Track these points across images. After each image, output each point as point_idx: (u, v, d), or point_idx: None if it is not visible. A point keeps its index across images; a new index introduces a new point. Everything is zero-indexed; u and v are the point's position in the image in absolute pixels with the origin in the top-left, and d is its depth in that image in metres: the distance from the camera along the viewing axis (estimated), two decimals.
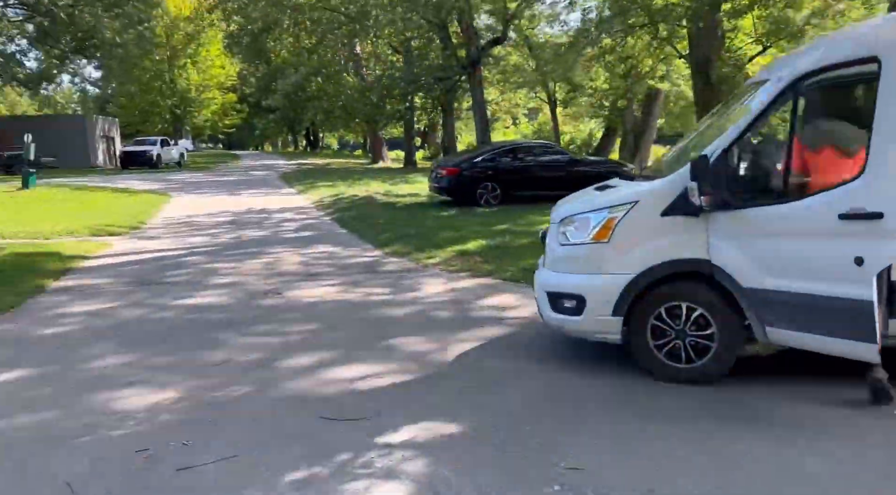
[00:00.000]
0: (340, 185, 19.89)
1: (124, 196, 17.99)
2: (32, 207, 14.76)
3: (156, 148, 34.80)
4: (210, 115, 56.04)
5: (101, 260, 9.12)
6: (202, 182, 24.93)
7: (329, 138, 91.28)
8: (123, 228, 12.07)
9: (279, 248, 9.76)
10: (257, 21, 36.79)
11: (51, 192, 17.74)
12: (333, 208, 14.84)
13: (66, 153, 34.87)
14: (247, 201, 17.35)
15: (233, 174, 30.91)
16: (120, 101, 50.72)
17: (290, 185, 22.51)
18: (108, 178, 26.81)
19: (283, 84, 35.04)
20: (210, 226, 12.54)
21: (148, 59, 45.81)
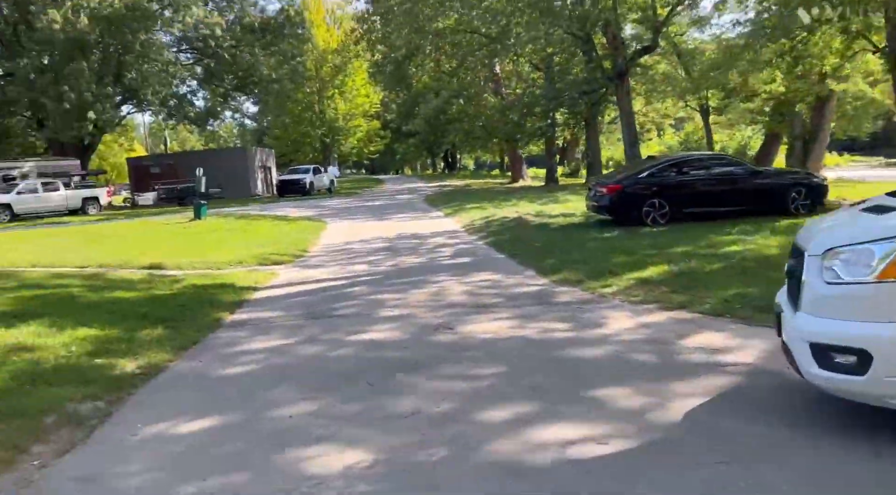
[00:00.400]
0: (488, 207, 19.55)
1: (284, 224, 18.76)
2: (204, 237, 15.66)
3: (309, 176, 36.61)
4: (356, 142, 58.58)
5: (271, 291, 9.23)
6: (352, 207, 25.69)
7: (466, 159, 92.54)
8: (287, 257, 12.36)
9: (440, 276, 9.42)
10: (401, 48, 37.85)
11: (219, 222, 18.86)
12: (486, 231, 14.44)
13: (229, 183, 37.54)
14: (397, 226, 17.44)
15: (379, 199, 31.72)
16: (274, 133, 54.37)
17: (436, 208, 22.54)
18: (266, 207, 28.39)
19: (424, 108, 35.67)
20: (368, 253, 12.55)
21: (300, 92, 48.68)
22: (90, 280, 9.67)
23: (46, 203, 27.90)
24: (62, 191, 28.39)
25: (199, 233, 16.70)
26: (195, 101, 40.23)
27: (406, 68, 43.92)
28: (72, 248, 14.16)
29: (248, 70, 37.41)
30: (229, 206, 29.68)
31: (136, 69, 29.17)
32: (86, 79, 27.10)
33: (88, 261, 11.97)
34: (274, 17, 37.69)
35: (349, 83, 52.98)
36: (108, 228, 19.56)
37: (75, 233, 18.10)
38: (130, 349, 6.07)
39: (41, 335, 6.34)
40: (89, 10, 27.00)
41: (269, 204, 30.93)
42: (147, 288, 9.17)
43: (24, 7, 27.86)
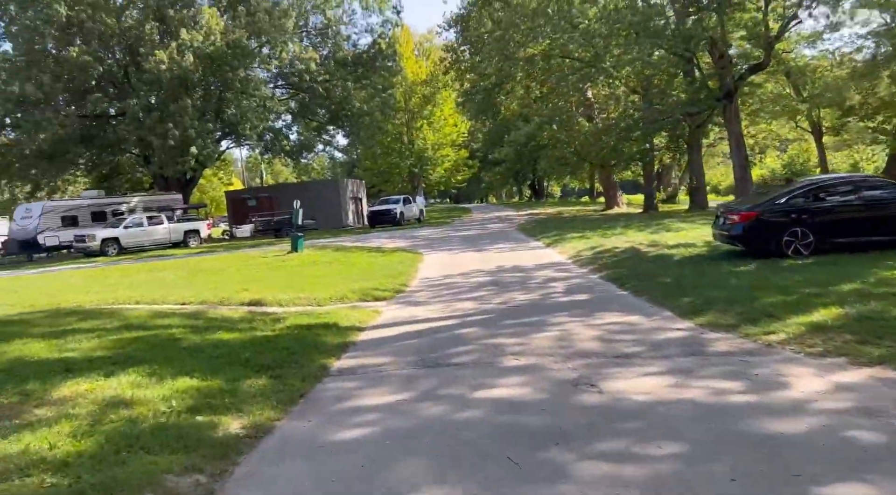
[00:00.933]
0: (592, 236, 18.38)
1: (379, 255, 18.29)
2: (302, 271, 15.34)
3: (399, 206, 36.50)
4: (443, 171, 58.59)
5: (376, 331, 8.53)
6: (445, 237, 25.09)
7: (553, 187, 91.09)
8: (388, 292, 11.72)
9: (560, 317, 8.44)
10: (491, 76, 37.50)
11: (316, 255, 18.62)
12: (597, 264, 13.33)
13: (322, 215, 38.02)
14: (497, 257, 16.59)
15: (470, 228, 31.04)
16: (364, 164, 55.16)
17: (534, 238, 21.56)
18: (359, 238, 28.27)
19: (515, 135, 34.95)
20: (472, 288, 11.73)
21: (389, 123, 49.19)
22: (191, 319, 9.29)
23: (151, 236, 28.90)
24: (166, 225, 29.36)
25: (297, 266, 16.45)
26: (289, 135, 41.22)
27: (495, 96, 43.59)
28: (174, 284, 14.12)
29: (341, 103, 37.98)
30: (323, 238, 29.79)
31: (235, 105, 30.01)
32: (189, 115, 28.06)
33: (190, 298, 11.75)
34: (366, 51, 38.22)
35: (437, 113, 53.14)
36: (209, 261, 19.74)
37: (178, 266, 18.31)
38: (234, 403, 5.44)
39: (140, 386, 5.83)
40: (193, 48, 28.04)
41: (361, 235, 30.89)
42: (248, 328, 8.68)
43: (135, 50, 29.30)
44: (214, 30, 28.59)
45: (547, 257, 15.80)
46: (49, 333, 8.18)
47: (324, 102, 37.79)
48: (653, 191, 35.93)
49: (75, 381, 5.95)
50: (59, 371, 6.32)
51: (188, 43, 28.30)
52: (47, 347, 7.38)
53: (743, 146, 27.69)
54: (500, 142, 66.57)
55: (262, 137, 36.30)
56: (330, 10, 35.71)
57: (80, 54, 27.15)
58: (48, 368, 6.42)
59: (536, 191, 75.55)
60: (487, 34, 36.15)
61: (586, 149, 34.63)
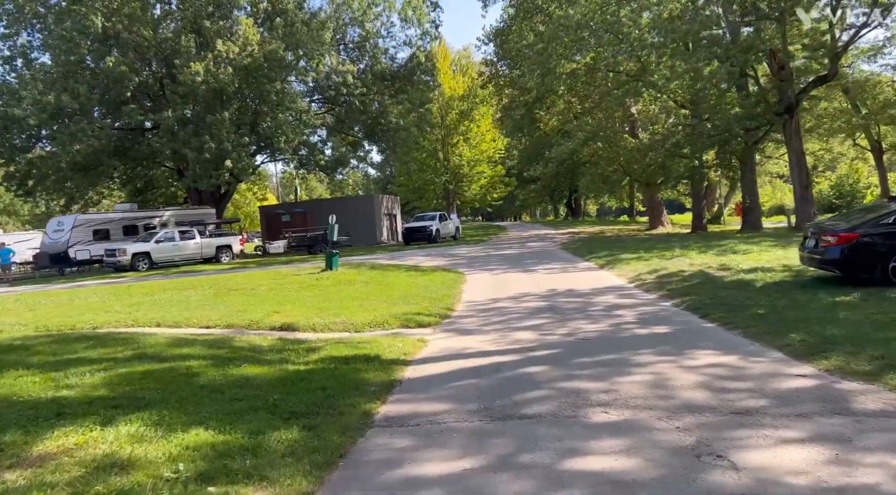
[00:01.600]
0: (650, 258, 16.94)
1: (418, 275, 17.12)
2: (338, 291, 14.23)
3: (435, 223, 35.42)
4: (478, 189, 57.42)
5: (425, 367, 7.31)
6: (485, 256, 23.86)
7: (590, 205, 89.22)
8: (432, 317, 10.51)
9: (644, 355, 7.12)
10: (532, 91, 36.38)
11: (351, 274, 17.52)
12: (666, 289, 11.94)
13: (356, 231, 37.12)
14: (546, 279, 15.29)
15: (510, 246, 29.76)
16: (399, 180, 54.30)
17: (582, 258, 20.19)
18: (395, 255, 27.18)
19: (557, 151, 33.69)
20: (526, 315, 10.45)
21: (425, 139, 48.34)
22: (214, 348, 8.19)
23: (182, 251, 28.23)
24: (198, 240, 28.68)
25: (331, 285, 15.36)
26: (325, 150, 40.55)
27: (535, 111, 42.44)
28: (201, 303, 13.12)
29: (377, 118, 37.20)
30: (357, 254, 28.79)
31: (271, 117, 29.33)
32: (225, 128, 27.43)
33: (216, 321, 10.71)
34: (404, 65, 37.45)
35: (474, 129, 52.15)
36: (240, 278, 18.79)
37: (207, 284, 17.36)
38: (257, 467, 4.25)
39: (143, 439, 4.68)
40: (229, 60, 27.48)
41: (396, 252, 29.82)
42: (278, 359, 7.53)
43: (170, 61, 28.88)
44: (251, 41, 28.02)
45: (604, 280, 14.45)
46: (50, 363, 7.14)
47: (360, 117, 37.03)
48: (702, 211, 34.23)
49: (65, 431, 4.83)
50: (49, 415, 5.22)
51: (224, 54, 27.76)
52: (43, 382, 6.31)
53: (804, 164, 26.00)
54: (537, 159, 65.17)
55: (297, 152, 35.64)
56: (368, 23, 35.03)
57: (116, 65, 26.76)
58: (37, 411, 5.33)
59: (573, 210, 73.90)
60: (528, 47, 35.13)
61: (632, 166, 33.16)
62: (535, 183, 72.00)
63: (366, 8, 34.68)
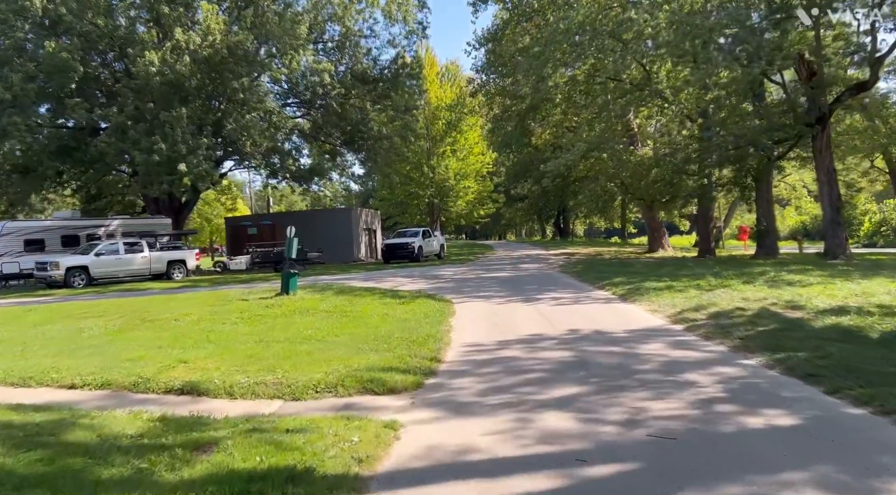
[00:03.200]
0: (685, 288, 13.65)
1: (395, 303, 13.72)
2: (287, 326, 10.80)
3: (417, 240, 32.08)
4: (464, 204, 54.20)
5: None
6: (476, 279, 20.55)
7: (578, 226, 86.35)
8: (410, 375, 7.15)
9: (805, 489, 3.82)
10: (525, 99, 33.40)
11: (312, 300, 14.05)
12: (735, 338, 8.61)
13: (330, 247, 33.72)
14: (558, 313, 11.98)
15: (502, 267, 26.47)
16: (381, 194, 50.97)
17: (592, 285, 16.92)
18: (371, 275, 23.79)
19: (553, 163, 30.63)
20: (547, 375, 7.11)
21: (410, 150, 45.18)
22: (22, 449, 4.75)
23: (127, 266, 24.58)
24: (146, 254, 25.04)
25: (282, 316, 11.92)
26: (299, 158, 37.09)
27: (528, 121, 39.41)
28: (90, 343, 9.62)
29: (357, 124, 33.92)
30: (328, 274, 25.33)
31: (235, 118, 25.93)
32: (180, 127, 23.96)
33: (90, 374, 7.27)
34: (387, 67, 34.24)
35: (461, 140, 49.04)
36: (176, 302, 15.25)
37: (126, 309, 13.78)
38: None
39: None
40: (189, 51, 24.08)
41: (374, 271, 26.42)
42: (121, 478, 4.13)
43: (125, 52, 25.41)
44: (214, 30, 24.66)
45: (635, 318, 11.17)
46: None
47: (338, 122, 33.71)
48: (710, 233, 31.25)
49: None
50: None
51: (183, 44, 24.37)
52: None
53: (835, 183, 23.05)
54: (525, 176, 62.30)
55: (269, 159, 32.15)
56: (350, 20, 31.81)
57: (56, 51, 23.25)
58: None
59: (561, 230, 70.96)
60: (523, 52, 32.19)
61: (637, 182, 30.14)
62: (523, 201, 69.11)
63: (347, 3, 31.53)
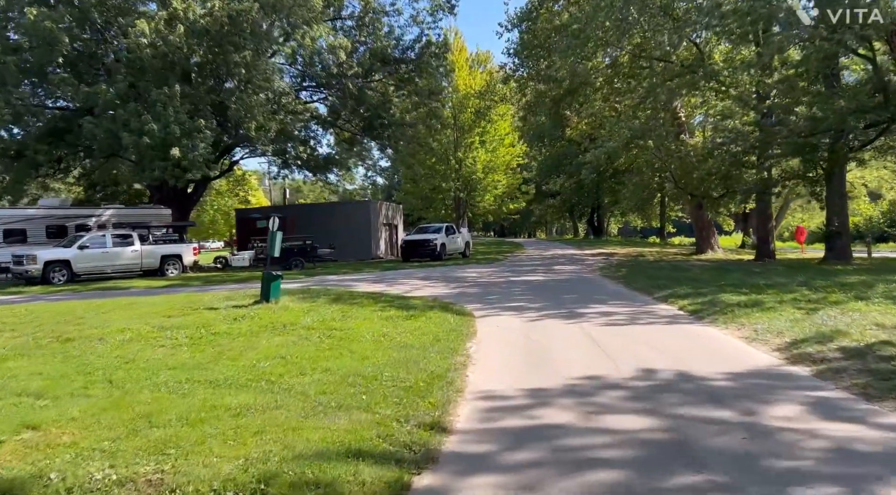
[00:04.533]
0: (781, 306, 10.42)
1: (401, 317, 10.73)
2: (243, 350, 7.90)
3: (440, 236, 29.10)
4: (492, 199, 50.97)
5: None
6: (504, 283, 17.50)
7: (612, 223, 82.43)
8: (386, 470, 4.15)
9: None
10: (561, 83, 30.17)
11: (296, 311, 11.12)
12: (883, 388, 5.49)
13: (347, 243, 30.99)
14: (612, 337, 8.87)
15: (534, 269, 23.36)
16: (405, 187, 48.09)
17: (648, 295, 13.75)
18: (384, 275, 20.90)
19: (593, 154, 27.42)
20: (630, 474, 4.07)
21: (436, 140, 42.21)
22: None
23: (115, 261, 22.04)
24: (136, 247, 22.47)
25: (245, 336, 9.02)
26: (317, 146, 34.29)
27: (564, 108, 36.08)
28: None
29: (377, 109, 31.03)
30: (339, 272, 22.52)
31: (238, 98, 23.20)
32: (173, 107, 21.30)
33: None
34: (410, 46, 31.27)
35: (491, 131, 45.85)
36: (129, 310, 12.41)
37: (59, 319, 10.94)
38: None
39: None
40: (188, 20, 21.39)
41: (389, 271, 23.55)
42: None
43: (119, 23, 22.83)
44: None
45: (727, 349, 8.02)
46: None
47: (356, 107, 30.85)
48: (769, 234, 27.67)
49: None
50: None
51: (181, 12, 21.71)
52: None
53: None
54: (557, 171, 58.86)
55: (283, 146, 29.36)
56: None
57: (39, 19, 20.76)
58: None
59: (596, 228, 67.33)
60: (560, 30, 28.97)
61: (688, 175, 26.75)
62: (555, 197, 65.60)
63: None
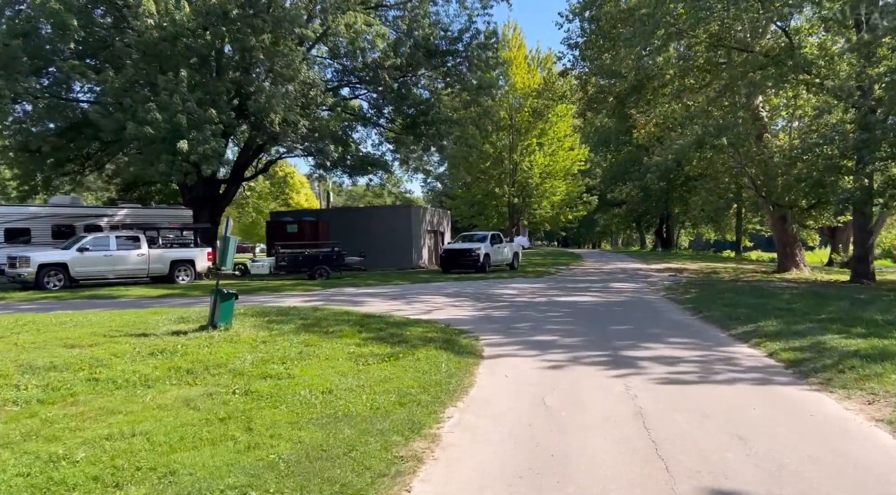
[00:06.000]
0: None
1: (378, 358, 7.82)
2: (116, 413, 5.17)
3: (483, 246, 26.09)
4: (549, 207, 47.55)
5: None
6: (543, 305, 14.36)
7: (683, 235, 77.29)
8: None
9: None
10: (630, 73, 26.75)
11: (243, 344, 8.35)
12: None
13: (385, 250, 28.47)
14: (672, 415, 5.68)
15: (586, 287, 20.04)
16: (456, 192, 45.35)
17: (724, 331, 10.39)
18: (408, 290, 18.10)
19: (662, 154, 23.95)
20: None
21: (489, 143, 39.27)
22: None
23: (118, 265, 20.06)
24: (143, 251, 20.46)
25: (141, 384, 6.32)
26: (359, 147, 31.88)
27: (629, 108, 32.52)
28: None
29: (420, 105, 28.39)
30: (361, 284, 19.91)
31: (258, 88, 20.95)
32: (181, 95, 19.19)
33: None
34: (457, 36, 28.47)
35: (549, 132, 42.56)
36: (61, 331, 9.98)
37: None
38: None
39: None
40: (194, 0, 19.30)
41: (418, 284, 20.77)
42: None
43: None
44: None
45: (871, 454, 4.78)
46: None
47: (398, 103, 28.31)
48: (868, 251, 23.41)
49: None
50: None
51: None
52: None
53: None
54: (623, 178, 55.02)
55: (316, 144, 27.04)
56: None
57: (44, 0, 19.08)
58: None
59: (664, 240, 62.75)
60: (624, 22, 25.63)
61: (774, 181, 22.89)
62: (620, 206, 61.59)
63: None
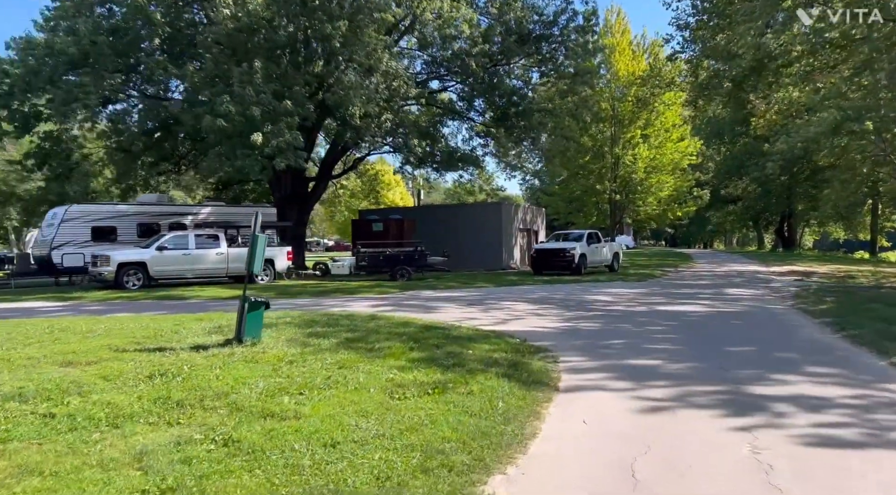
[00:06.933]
0: None
1: (420, 387, 6.19)
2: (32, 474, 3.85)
3: (579, 246, 23.90)
4: (656, 203, 44.24)
5: None
6: (642, 318, 12.21)
7: (808, 234, 70.64)
8: None
9: None
10: (749, 51, 23.68)
11: (266, 363, 6.94)
12: None
13: (474, 250, 26.92)
14: (815, 488, 3.69)
15: (696, 294, 17.46)
16: (552, 189, 43.09)
17: (876, 352, 8.01)
18: (489, 294, 16.38)
19: (786, 141, 20.91)
20: None
21: (588, 135, 36.79)
22: None
23: (197, 264, 19.65)
24: (222, 250, 19.96)
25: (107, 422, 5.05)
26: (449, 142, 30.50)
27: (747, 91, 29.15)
28: None
29: (510, 96, 26.60)
30: (441, 287, 18.44)
31: (337, 78, 19.94)
32: (254, 86, 18.47)
33: None
34: (554, 20, 26.36)
35: (656, 123, 39.45)
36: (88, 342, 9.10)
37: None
38: None
39: None
40: None
41: (503, 287, 19.02)
42: None
43: None
44: None
45: None
46: None
47: (487, 93, 26.64)
48: None
49: None
50: None
51: None
52: None
53: None
54: (739, 172, 50.69)
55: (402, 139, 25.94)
56: None
57: None
58: None
59: (786, 239, 57.28)
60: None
61: None
62: (736, 203, 56.94)
63: None
